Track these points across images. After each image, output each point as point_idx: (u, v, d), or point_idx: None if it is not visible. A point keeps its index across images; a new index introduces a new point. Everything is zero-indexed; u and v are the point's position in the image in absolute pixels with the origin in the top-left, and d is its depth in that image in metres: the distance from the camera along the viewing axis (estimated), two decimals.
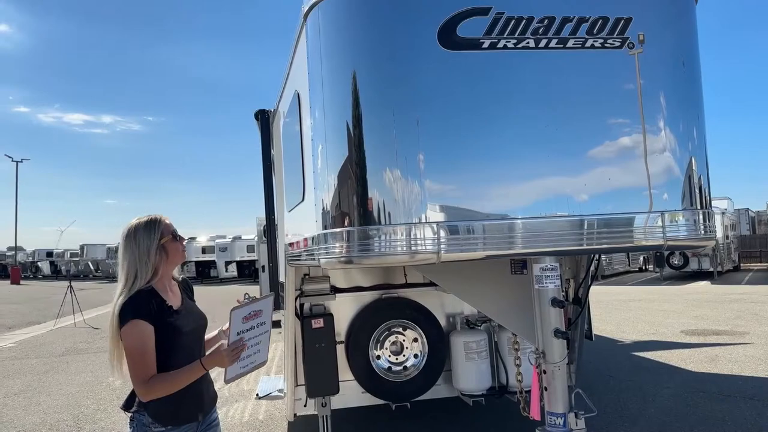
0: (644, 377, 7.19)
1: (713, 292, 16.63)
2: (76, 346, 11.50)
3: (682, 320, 11.52)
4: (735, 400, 6.04)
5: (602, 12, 2.92)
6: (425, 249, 2.75)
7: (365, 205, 2.87)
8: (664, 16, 3.06)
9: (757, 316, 11.65)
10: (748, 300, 14.36)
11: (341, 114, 2.98)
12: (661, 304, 14.30)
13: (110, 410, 6.73)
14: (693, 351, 8.58)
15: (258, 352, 2.41)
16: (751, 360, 7.83)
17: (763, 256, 25.51)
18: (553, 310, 2.88)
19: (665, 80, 3.03)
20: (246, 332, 2.33)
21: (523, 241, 2.72)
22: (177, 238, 2.46)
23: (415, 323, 5.15)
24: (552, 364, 2.87)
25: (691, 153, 3.06)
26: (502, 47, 2.85)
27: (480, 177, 2.83)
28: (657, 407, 5.93)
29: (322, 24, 3.11)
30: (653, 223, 2.92)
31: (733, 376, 7.09)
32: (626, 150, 2.96)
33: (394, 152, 2.86)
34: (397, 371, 5.14)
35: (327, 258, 3.02)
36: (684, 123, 3.06)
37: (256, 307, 2.38)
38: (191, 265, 33.52)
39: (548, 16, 2.88)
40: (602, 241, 2.85)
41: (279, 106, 5.01)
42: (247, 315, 2.35)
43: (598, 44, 2.92)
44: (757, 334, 9.66)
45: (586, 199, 2.87)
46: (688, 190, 3.03)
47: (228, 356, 2.26)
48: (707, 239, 3.04)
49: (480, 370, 5.00)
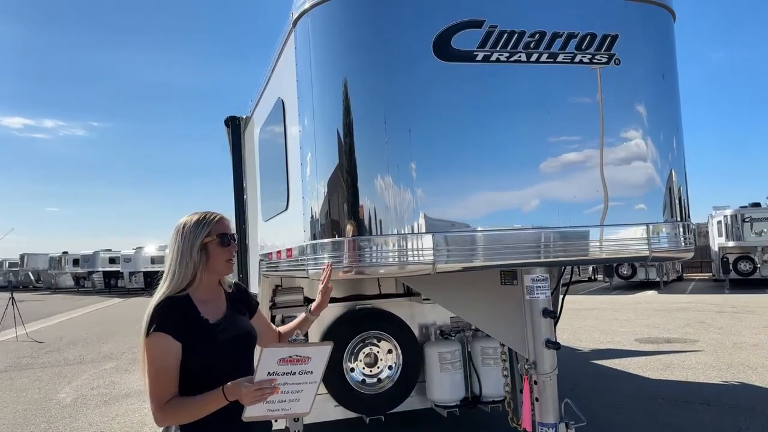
0: (607, 385, 7.36)
1: (661, 302, 17.27)
2: (19, 361, 10.89)
3: (634, 329, 11.90)
4: (693, 407, 6.26)
5: (590, 28, 2.99)
6: (421, 259, 2.73)
7: (357, 215, 2.83)
8: (645, 33, 3.16)
9: (704, 324, 12.15)
10: (694, 309, 14.97)
11: (332, 122, 2.93)
12: (613, 313, 14.74)
13: (63, 429, 6.38)
14: (648, 358, 8.85)
15: (296, 401, 2.01)
16: (704, 366, 8.14)
17: (704, 267, 26.71)
18: (544, 320, 2.91)
19: (648, 93, 3.13)
20: (281, 375, 1.95)
21: (519, 251, 2.74)
22: (225, 243, 2.11)
23: (389, 334, 5.12)
24: (543, 374, 2.89)
25: (671, 164, 3.17)
26: (495, 60, 2.87)
27: (475, 187, 2.83)
28: (623, 416, 6.07)
29: (313, 31, 3.07)
30: (640, 235, 2.99)
31: (689, 382, 7.35)
32: (617, 162, 3.03)
33: (385, 161, 2.84)
34: (372, 383, 5.08)
35: (317, 269, 2.95)
36: (665, 135, 3.16)
37: (303, 352, 1.99)
38: (139, 276, 32.51)
39: (539, 31, 2.93)
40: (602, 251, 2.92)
41: (254, 113, 4.91)
42: (287, 358, 1.97)
43: (586, 59, 2.98)
44: (706, 341, 10.07)
45: (578, 210, 2.92)
46: (669, 202, 3.13)
47: (248, 395, 1.87)
48: (687, 251, 3.14)
49: (454, 381, 5.01)
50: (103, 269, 34.08)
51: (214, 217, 2.13)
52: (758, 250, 20.54)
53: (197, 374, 1.98)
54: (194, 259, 2.06)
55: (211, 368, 1.99)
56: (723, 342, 9.93)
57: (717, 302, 16.37)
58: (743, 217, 20.24)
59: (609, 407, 6.34)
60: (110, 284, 34.23)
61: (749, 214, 20.34)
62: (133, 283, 33.01)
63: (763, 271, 20.58)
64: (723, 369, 7.95)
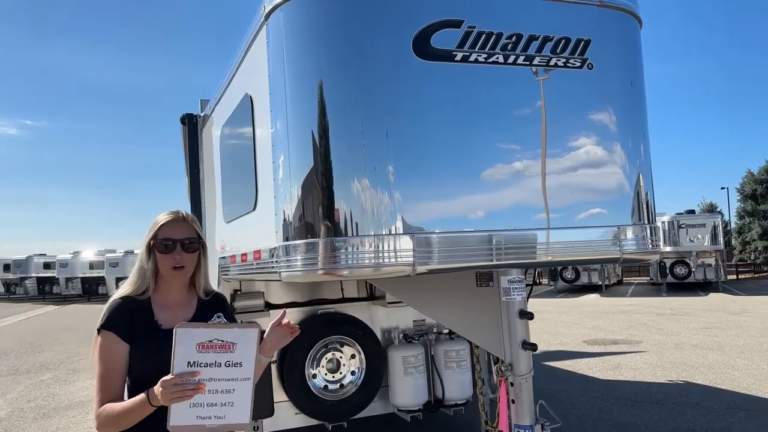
0: (559, 386, 7.51)
1: (604, 304, 17.88)
2: None
3: (582, 331, 12.24)
4: (643, 405, 6.46)
5: (565, 32, 3.03)
6: (399, 261, 2.67)
7: (332, 216, 2.75)
8: (615, 39, 3.23)
9: (646, 326, 12.63)
10: (636, 311, 15.57)
11: (306, 122, 2.84)
12: (559, 315, 15.14)
13: None
14: (597, 360, 9.11)
15: (230, 405, 1.72)
16: (650, 366, 8.44)
17: (642, 271, 27.87)
18: (521, 321, 2.91)
19: (617, 99, 3.19)
20: (205, 367, 1.68)
21: (499, 252, 2.73)
22: (164, 250, 1.92)
23: (353, 339, 5.03)
24: (520, 376, 2.89)
25: (639, 169, 3.24)
26: (474, 61, 2.86)
27: (455, 187, 2.81)
28: (576, 415, 6.20)
29: (286, 27, 2.97)
30: (610, 237, 3.04)
31: (637, 382, 7.59)
32: (587, 165, 3.08)
33: (362, 162, 2.77)
34: (334, 389, 4.98)
35: (290, 271, 2.85)
36: (633, 141, 3.23)
37: (225, 336, 1.71)
38: (77, 282, 31.11)
39: (516, 33, 2.94)
40: (567, 253, 2.93)
41: (214, 111, 4.74)
42: (207, 343, 1.69)
43: (561, 63, 3.02)
44: (650, 342, 10.46)
45: (555, 214, 2.95)
46: (637, 206, 3.20)
47: (166, 391, 1.65)
48: (654, 252, 3.22)
49: (417, 385, 4.96)
50: (37, 275, 32.72)
51: (162, 220, 1.99)
52: (693, 254, 21.60)
53: (141, 381, 1.85)
54: (143, 265, 1.96)
55: (152, 375, 1.77)
56: (665, 342, 10.34)
57: (656, 305, 17.08)
58: (679, 224, 21.25)
59: (563, 408, 6.46)
60: (44, 290, 32.77)
61: (684, 220, 21.38)
62: (70, 289, 31.59)
63: (697, 274, 21.65)
64: (667, 368, 8.26)
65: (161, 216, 2.01)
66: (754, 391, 6.86)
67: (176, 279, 1.98)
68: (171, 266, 1.95)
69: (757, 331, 11.25)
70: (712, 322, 12.89)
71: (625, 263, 3.14)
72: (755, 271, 32.20)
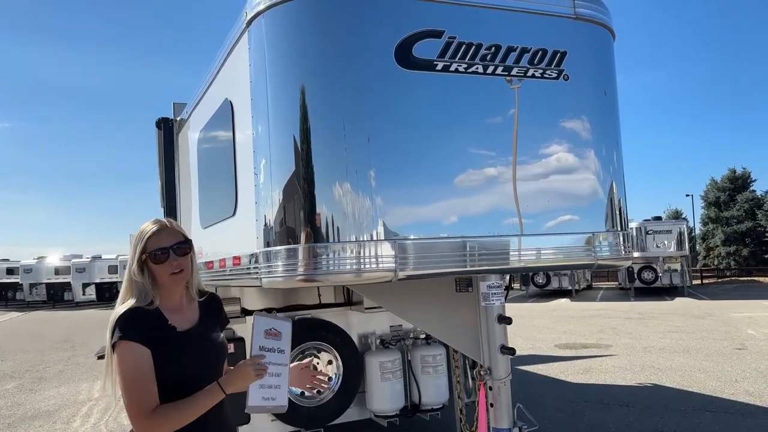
0: (532, 390, 7.61)
1: (574, 309, 18.18)
2: None
3: (553, 335, 12.42)
4: (614, 408, 6.60)
5: (542, 44, 3.11)
6: (381, 267, 2.70)
7: (313, 221, 2.76)
8: (590, 51, 3.32)
9: (615, 330, 12.89)
10: (605, 315, 15.87)
11: (288, 128, 2.86)
12: (531, 320, 15.34)
13: None
14: (568, 363, 9.26)
15: (276, 388, 1.90)
16: (620, 370, 8.62)
17: (611, 276, 28.44)
18: (499, 326, 2.96)
19: (592, 109, 3.28)
20: (267, 351, 1.89)
21: (480, 258, 2.78)
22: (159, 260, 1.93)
23: (330, 345, 5.03)
24: (498, 380, 2.94)
25: (612, 177, 3.33)
26: (455, 70, 2.92)
27: (436, 193, 2.85)
28: (551, 420, 6.29)
29: (268, 33, 2.98)
30: (584, 243, 3.12)
31: (608, 385, 7.75)
32: (561, 172, 3.15)
33: (344, 166, 2.79)
34: (311, 396, 4.96)
35: (270, 277, 2.85)
36: (607, 149, 3.33)
37: (277, 326, 1.96)
38: (41, 288, 30.29)
39: (495, 44, 3.01)
40: (543, 259, 3.00)
41: (191, 115, 4.70)
42: (270, 330, 1.92)
43: (538, 74, 3.09)
44: (619, 346, 10.68)
45: (529, 220, 3.01)
46: (610, 213, 3.29)
47: (248, 372, 1.81)
48: (627, 258, 3.31)
49: (394, 390, 4.99)
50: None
51: (148, 231, 1.98)
52: (660, 260, 22.13)
53: (163, 383, 1.86)
54: (140, 280, 1.95)
55: (178, 377, 1.87)
56: (634, 346, 10.57)
57: (624, 309, 17.45)
58: (646, 230, 21.77)
59: (536, 411, 6.54)
60: (7, 297, 31.75)
61: (652, 227, 21.91)
62: (34, 295, 30.74)
63: (664, 279, 22.19)
64: (637, 371, 8.45)
65: (146, 227, 2.00)
66: (718, 393, 7.06)
67: (178, 283, 2.00)
68: (170, 273, 1.96)
69: (720, 335, 11.58)
70: (678, 325, 13.23)
71: (598, 269, 3.21)
72: (719, 275, 33.14)
